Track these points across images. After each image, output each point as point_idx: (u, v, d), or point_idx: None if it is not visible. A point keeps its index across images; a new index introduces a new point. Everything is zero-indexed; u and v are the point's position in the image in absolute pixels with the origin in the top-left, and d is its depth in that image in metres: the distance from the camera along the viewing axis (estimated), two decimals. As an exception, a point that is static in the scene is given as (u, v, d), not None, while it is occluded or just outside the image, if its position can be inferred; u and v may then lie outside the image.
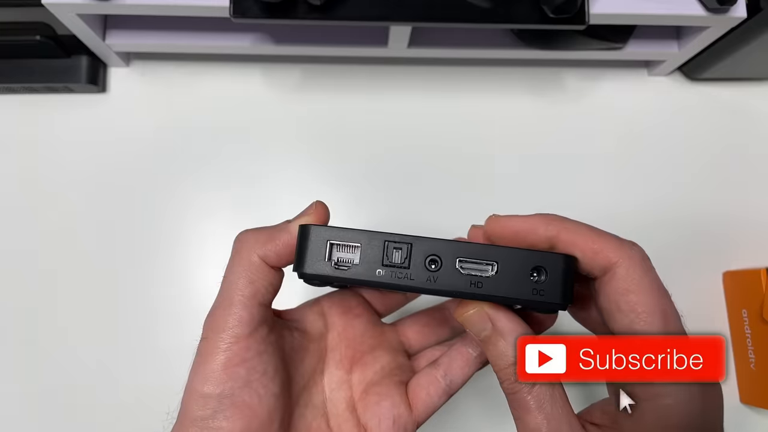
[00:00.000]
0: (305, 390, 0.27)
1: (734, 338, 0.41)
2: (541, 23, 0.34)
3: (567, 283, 0.23)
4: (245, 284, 0.24)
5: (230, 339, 0.24)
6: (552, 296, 0.23)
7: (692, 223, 0.43)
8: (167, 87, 0.43)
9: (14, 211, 0.41)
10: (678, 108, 0.44)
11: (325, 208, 0.26)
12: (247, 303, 0.24)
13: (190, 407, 0.23)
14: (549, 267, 0.23)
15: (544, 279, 0.23)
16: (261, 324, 0.24)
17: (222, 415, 0.23)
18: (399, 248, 0.23)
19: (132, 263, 0.41)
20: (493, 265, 0.23)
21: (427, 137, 0.43)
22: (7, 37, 0.39)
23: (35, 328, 0.40)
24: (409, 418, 0.27)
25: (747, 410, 0.40)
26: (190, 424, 0.23)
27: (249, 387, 0.24)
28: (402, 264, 0.23)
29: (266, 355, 0.24)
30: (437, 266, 0.23)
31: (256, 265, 0.24)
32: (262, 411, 0.24)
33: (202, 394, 0.23)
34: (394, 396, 0.27)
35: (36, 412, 0.39)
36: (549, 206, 0.42)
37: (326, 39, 0.40)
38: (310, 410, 0.27)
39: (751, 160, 0.44)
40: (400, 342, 0.31)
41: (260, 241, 0.25)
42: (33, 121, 0.42)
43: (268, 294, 0.25)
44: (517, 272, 0.23)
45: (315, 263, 0.23)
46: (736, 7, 0.35)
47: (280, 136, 0.43)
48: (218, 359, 0.24)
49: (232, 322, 0.24)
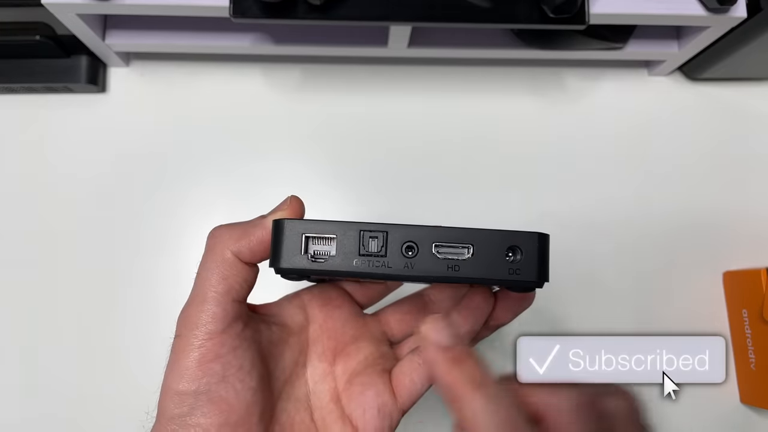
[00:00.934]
0: (288, 384, 0.27)
1: (734, 338, 0.41)
2: (541, 23, 0.34)
3: (542, 260, 0.23)
4: (218, 281, 0.24)
5: (204, 336, 0.24)
6: (528, 274, 0.23)
7: (692, 223, 0.43)
8: (167, 87, 0.43)
9: (14, 211, 0.41)
10: (678, 108, 0.44)
11: (299, 202, 0.26)
12: (220, 299, 0.24)
13: (167, 405, 0.23)
14: (524, 246, 0.23)
15: (519, 258, 0.23)
16: (235, 320, 0.24)
17: (199, 411, 0.23)
18: (375, 237, 0.23)
19: (132, 263, 0.41)
20: (469, 248, 0.23)
21: (427, 137, 0.43)
22: (7, 37, 0.39)
23: (35, 328, 0.40)
24: (394, 406, 0.27)
25: (747, 410, 0.40)
26: (167, 422, 0.23)
27: (225, 382, 0.24)
28: (379, 252, 0.23)
29: (241, 350, 0.24)
30: (414, 253, 0.23)
31: (230, 261, 0.24)
32: (239, 405, 0.24)
33: (178, 392, 0.23)
34: (378, 385, 0.27)
35: (36, 412, 0.39)
36: (549, 206, 0.42)
37: (326, 39, 0.40)
38: (293, 404, 0.27)
39: (751, 160, 0.44)
40: (382, 331, 0.31)
41: (234, 237, 0.25)
42: (33, 121, 0.42)
43: (242, 290, 0.25)
44: (493, 253, 0.23)
45: (291, 257, 0.23)
46: (736, 7, 0.35)
47: (280, 135, 0.43)
48: (192, 356, 0.23)
49: (205, 318, 0.24)
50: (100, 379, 0.39)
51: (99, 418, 0.39)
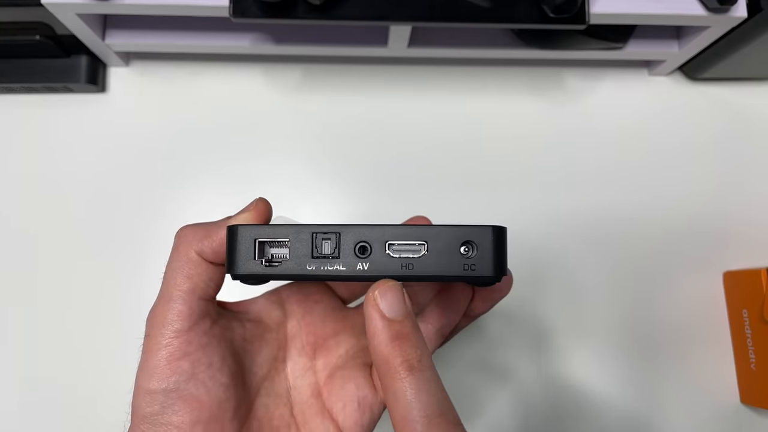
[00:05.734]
0: (267, 379, 0.27)
1: (734, 338, 0.41)
2: (541, 23, 0.34)
3: (498, 254, 0.23)
4: (183, 280, 0.24)
5: (171, 334, 0.24)
6: (484, 269, 0.23)
7: (692, 223, 0.43)
8: (167, 87, 0.43)
9: (14, 210, 0.41)
10: (678, 108, 0.44)
11: (266, 204, 0.26)
12: (186, 298, 0.24)
13: (139, 405, 0.24)
14: (478, 240, 0.23)
15: (474, 253, 0.23)
16: (202, 318, 0.24)
17: (170, 409, 0.23)
18: (328, 239, 0.23)
19: (132, 263, 0.41)
20: (423, 246, 0.23)
21: (427, 137, 0.43)
22: (7, 37, 0.39)
23: (35, 328, 0.40)
24: (375, 399, 0.27)
25: (747, 410, 0.40)
26: (140, 421, 0.23)
27: (195, 379, 0.24)
28: (332, 254, 0.23)
29: (210, 347, 0.24)
30: (367, 253, 0.23)
31: (194, 260, 0.24)
32: (211, 402, 0.24)
33: (148, 391, 0.23)
34: (358, 378, 0.27)
35: (36, 412, 0.39)
36: (549, 205, 0.42)
37: (326, 39, 0.40)
38: (273, 399, 0.27)
39: (751, 159, 0.44)
40: (364, 324, 0.30)
41: (197, 236, 0.25)
42: (32, 121, 0.42)
43: (208, 288, 0.25)
44: (447, 250, 0.23)
45: (245, 263, 0.23)
46: (736, 7, 0.35)
47: (280, 135, 0.43)
48: (160, 355, 0.24)
49: (171, 317, 0.24)
50: (101, 379, 0.39)
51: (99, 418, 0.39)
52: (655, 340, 0.41)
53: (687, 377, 0.41)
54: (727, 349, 0.41)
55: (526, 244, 0.41)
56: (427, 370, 0.21)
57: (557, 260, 0.42)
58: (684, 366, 0.41)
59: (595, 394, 0.40)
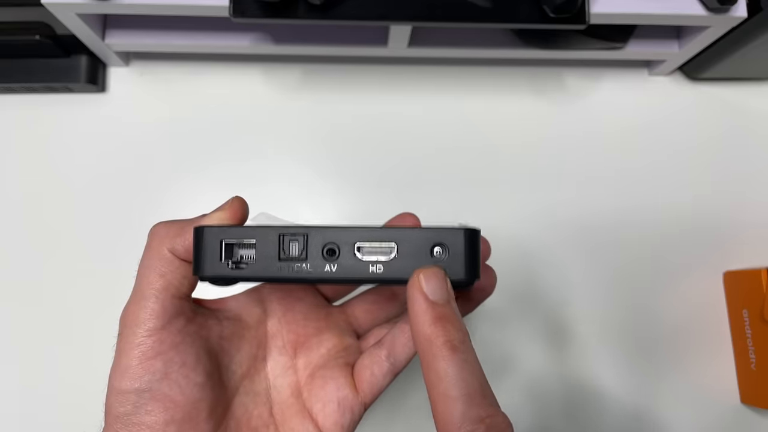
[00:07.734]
0: (246, 378, 0.27)
1: (735, 338, 0.41)
2: (541, 23, 0.34)
3: (470, 257, 0.22)
4: (156, 278, 0.24)
5: (144, 333, 0.23)
6: (455, 272, 0.22)
7: (692, 223, 0.43)
8: (167, 87, 0.43)
9: (14, 210, 0.41)
10: (678, 108, 0.44)
11: (242, 203, 0.25)
12: (159, 296, 0.24)
13: (112, 404, 0.23)
14: (450, 243, 0.22)
15: (445, 257, 0.22)
16: (176, 316, 0.24)
17: (143, 409, 0.23)
18: (295, 240, 0.23)
19: (132, 262, 0.40)
20: (393, 248, 0.22)
21: (427, 136, 0.43)
22: (7, 37, 0.39)
23: (35, 328, 0.40)
24: (355, 399, 0.27)
25: (747, 410, 0.40)
26: (113, 421, 0.23)
27: (168, 379, 0.23)
28: (300, 256, 0.22)
29: (184, 345, 0.24)
30: (335, 255, 0.22)
31: (167, 258, 0.24)
32: (185, 402, 0.23)
33: (120, 390, 0.23)
34: (339, 378, 0.27)
35: (35, 411, 0.39)
36: (549, 205, 0.42)
37: (326, 39, 0.40)
38: (252, 398, 0.27)
39: (752, 160, 0.44)
40: (348, 323, 0.30)
41: (170, 234, 0.24)
42: (32, 121, 0.42)
43: (182, 287, 0.24)
44: (418, 252, 0.22)
45: (212, 265, 0.23)
46: (736, 6, 0.35)
47: (280, 135, 0.43)
48: (133, 354, 0.23)
49: (144, 315, 0.23)
50: (101, 379, 0.39)
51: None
52: (656, 339, 0.41)
53: (687, 377, 0.41)
54: (728, 349, 0.41)
55: (525, 244, 0.41)
56: (470, 352, 0.21)
57: (557, 260, 0.42)
58: (684, 366, 0.41)
59: (595, 394, 0.40)
